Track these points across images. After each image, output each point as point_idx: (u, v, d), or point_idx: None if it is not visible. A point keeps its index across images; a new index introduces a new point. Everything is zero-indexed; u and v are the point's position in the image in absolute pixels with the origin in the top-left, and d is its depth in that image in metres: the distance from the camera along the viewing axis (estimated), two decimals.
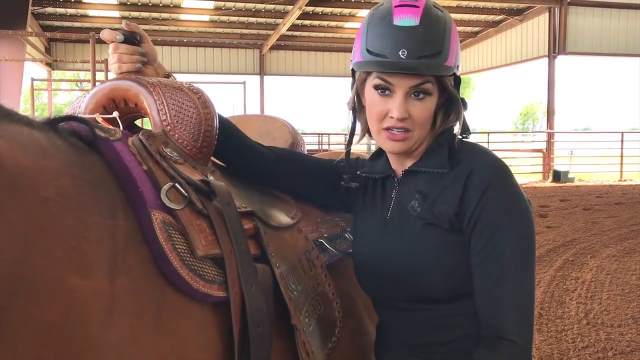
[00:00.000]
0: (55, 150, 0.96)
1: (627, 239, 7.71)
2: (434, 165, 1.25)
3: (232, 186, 1.29)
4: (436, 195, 1.23)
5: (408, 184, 1.30)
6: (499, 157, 1.24)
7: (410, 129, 1.22)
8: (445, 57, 1.19)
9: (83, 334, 0.85)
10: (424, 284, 1.23)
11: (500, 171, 1.20)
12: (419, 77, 1.19)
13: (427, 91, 1.20)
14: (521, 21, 19.26)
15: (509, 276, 1.15)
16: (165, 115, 1.22)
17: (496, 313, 1.14)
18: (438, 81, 1.21)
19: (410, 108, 1.21)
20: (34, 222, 0.83)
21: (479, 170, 1.19)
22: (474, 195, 1.17)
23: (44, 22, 18.30)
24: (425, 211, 1.23)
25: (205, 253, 1.07)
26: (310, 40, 21.82)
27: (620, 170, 17.28)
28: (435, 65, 1.18)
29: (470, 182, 1.18)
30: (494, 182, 1.18)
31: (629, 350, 3.94)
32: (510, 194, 1.19)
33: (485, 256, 1.16)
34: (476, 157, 1.22)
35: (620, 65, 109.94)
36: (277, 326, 1.21)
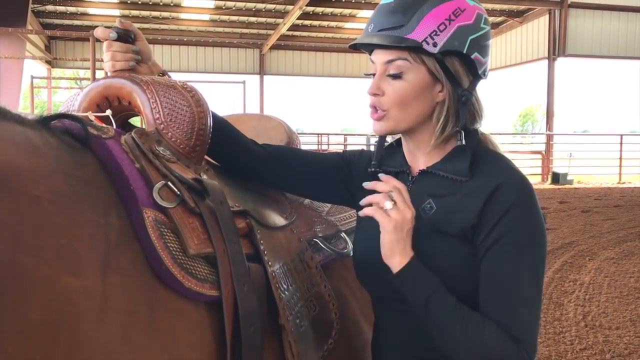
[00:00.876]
0: (48, 148, 0.96)
1: (626, 241, 7.72)
2: (454, 171, 1.21)
3: (225, 185, 1.28)
4: (453, 203, 1.19)
5: (423, 185, 1.26)
6: (523, 173, 1.20)
7: (384, 108, 1.21)
8: (409, 29, 1.15)
9: (73, 333, 0.85)
10: None
11: (526, 190, 1.17)
12: (390, 52, 1.18)
13: (401, 69, 1.18)
14: (521, 23, 19.28)
15: (526, 295, 1.12)
16: (158, 113, 1.22)
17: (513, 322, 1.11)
18: (422, 61, 1.17)
19: (386, 86, 1.20)
20: (25, 220, 0.83)
21: (506, 187, 1.15)
22: (497, 212, 1.14)
23: (44, 20, 18.30)
24: (437, 216, 1.20)
25: (197, 252, 1.07)
26: (311, 40, 21.84)
27: (619, 172, 17.31)
28: (393, 37, 1.16)
29: (496, 196, 1.14)
30: (520, 201, 1.14)
31: (626, 352, 3.94)
32: (532, 214, 1.16)
33: (503, 273, 1.13)
34: (503, 172, 1.18)
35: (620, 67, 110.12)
36: (271, 326, 1.20)
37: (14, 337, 0.78)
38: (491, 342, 1.09)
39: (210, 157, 1.37)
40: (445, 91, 1.20)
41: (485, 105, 1.27)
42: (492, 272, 1.14)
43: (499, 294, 1.13)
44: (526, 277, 1.13)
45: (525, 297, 1.12)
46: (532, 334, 1.13)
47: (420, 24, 1.15)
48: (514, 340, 1.10)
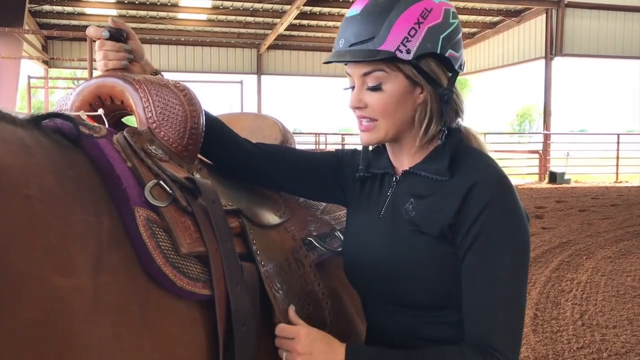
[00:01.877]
0: (39, 147, 0.95)
1: (623, 240, 7.73)
2: (434, 171, 1.21)
3: (219, 184, 1.28)
4: (432, 203, 1.19)
5: (405, 185, 1.27)
6: (503, 171, 1.20)
7: (373, 118, 1.21)
8: (381, 40, 1.14)
9: (64, 333, 0.84)
10: (408, 289, 1.21)
11: (503, 188, 1.15)
12: (364, 65, 1.18)
13: (379, 80, 1.18)
14: (518, 22, 19.29)
15: (505, 295, 1.12)
16: (150, 112, 1.21)
17: (489, 329, 1.11)
18: (397, 68, 1.17)
19: (367, 98, 1.20)
20: (15, 220, 0.82)
21: (481, 185, 1.14)
22: (474, 211, 1.13)
23: (41, 19, 18.27)
24: (418, 217, 1.20)
25: (189, 251, 1.06)
26: (308, 40, 21.84)
27: (616, 172, 17.31)
28: (365, 51, 1.15)
29: (471, 196, 1.14)
30: (496, 199, 1.13)
31: (623, 351, 3.94)
32: (511, 212, 1.14)
33: (481, 273, 1.12)
34: (479, 170, 1.17)
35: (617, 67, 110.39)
36: (265, 325, 1.20)
37: (5, 337, 0.78)
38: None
39: (203, 157, 1.36)
40: (426, 93, 1.20)
41: (464, 99, 1.27)
42: (470, 273, 1.14)
43: (476, 296, 1.13)
44: (504, 277, 1.12)
45: (503, 298, 1.12)
46: (510, 340, 1.12)
47: (390, 33, 1.14)
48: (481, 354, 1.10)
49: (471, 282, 1.14)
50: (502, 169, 1.21)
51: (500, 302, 1.12)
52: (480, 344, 1.12)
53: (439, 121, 1.22)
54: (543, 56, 18.17)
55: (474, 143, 1.27)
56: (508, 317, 1.12)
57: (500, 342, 1.11)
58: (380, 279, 1.24)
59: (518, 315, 1.14)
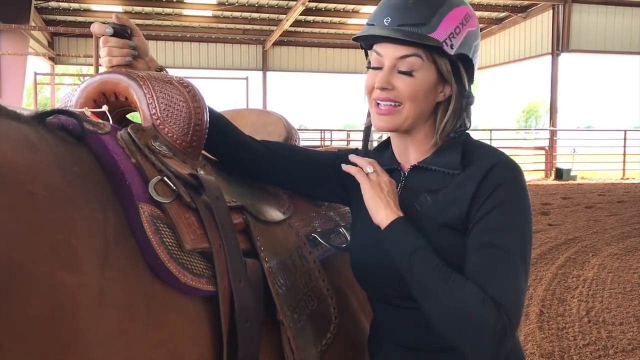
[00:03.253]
0: (44, 144, 0.96)
1: (629, 237, 7.71)
2: (445, 164, 1.23)
3: (222, 180, 1.28)
4: (447, 195, 1.21)
5: (415, 181, 1.27)
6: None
7: (397, 102, 1.21)
8: (432, 28, 1.16)
9: (70, 328, 0.85)
10: None
11: (518, 171, 1.20)
12: (405, 48, 1.18)
13: (414, 66, 1.19)
14: (525, 18, 19.21)
15: (513, 261, 1.13)
16: (155, 109, 1.21)
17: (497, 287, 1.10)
18: (432, 60, 1.19)
19: (396, 81, 1.20)
20: (21, 217, 0.83)
21: (500, 165, 1.18)
22: (490, 186, 1.16)
23: (47, 16, 18.33)
24: (433, 211, 1.21)
25: (193, 247, 1.07)
26: (313, 36, 21.82)
27: (622, 168, 17.26)
28: (417, 34, 1.16)
29: (490, 175, 1.17)
30: (513, 179, 1.18)
31: (630, 348, 3.93)
32: (523, 195, 1.18)
33: (491, 238, 1.14)
34: (495, 154, 1.22)
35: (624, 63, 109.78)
36: (269, 321, 1.20)
37: (11, 332, 0.79)
38: (470, 301, 1.08)
39: (208, 153, 1.36)
40: (453, 92, 1.22)
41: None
42: (480, 240, 1.15)
43: (485, 260, 1.13)
44: (514, 248, 1.13)
45: (511, 265, 1.13)
46: (516, 301, 1.11)
47: (441, 24, 1.17)
48: (495, 304, 1.08)
49: (479, 249, 1.14)
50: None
51: (509, 268, 1.12)
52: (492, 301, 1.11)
53: (458, 120, 1.25)
54: (549, 52, 18.10)
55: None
56: (514, 283, 1.12)
57: (508, 300, 1.10)
58: (392, 274, 1.23)
59: (523, 283, 1.14)
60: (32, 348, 0.81)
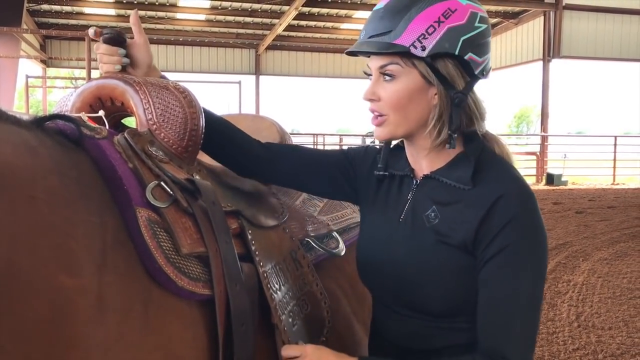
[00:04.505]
0: (43, 148, 0.97)
1: (619, 242, 7.75)
2: (456, 178, 1.19)
3: (218, 185, 1.30)
4: (455, 212, 1.17)
5: (426, 190, 1.25)
6: (526, 183, 1.18)
7: (382, 113, 1.20)
8: (397, 34, 1.15)
9: (70, 331, 0.86)
10: (423, 295, 1.20)
11: (527, 202, 1.14)
12: (382, 57, 1.18)
13: (392, 73, 1.18)
14: (516, 24, 19.32)
15: (522, 308, 1.11)
16: (151, 114, 1.23)
17: (504, 341, 1.11)
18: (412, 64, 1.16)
19: (380, 91, 1.20)
20: (21, 220, 0.84)
21: (507, 198, 1.13)
22: (498, 223, 1.11)
23: (39, 19, 18.24)
24: (441, 226, 1.18)
25: (190, 251, 1.08)
26: (306, 40, 21.84)
27: (613, 174, 17.35)
28: (381, 43, 1.16)
29: (496, 208, 1.12)
30: (521, 213, 1.12)
31: (619, 352, 3.96)
32: (534, 226, 1.14)
33: (501, 285, 1.12)
34: (505, 182, 1.16)
35: (614, 69, 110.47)
36: (264, 325, 1.21)
37: (13, 335, 0.80)
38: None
39: (213, 157, 1.38)
40: (438, 93, 1.17)
41: (485, 106, 1.25)
42: (490, 284, 1.13)
43: (493, 307, 1.12)
44: (524, 290, 1.11)
45: (520, 311, 1.11)
46: (523, 353, 1.11)
47: (407, 29, 1.14)
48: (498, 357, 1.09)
49: (490, 293, 1.12)
50: (525, 180, 1.20)
51: (517, 315, 1.10)
52: (493, 354, 1.11)
53: (449, 121, 1.19)
54: (541, 58, 18.20)
55: (497, 150, 1.26)
56: (523, 330, 1.11)
57: (514, 353, 1.10)
58: (397, 283, 1.23)
59: (533, 328, 1.13)
60: (33, 350, 0.82)
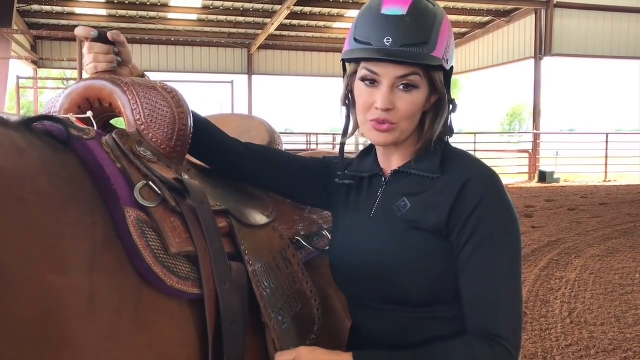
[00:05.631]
0: (32, 149, 0.97)
1: (611, 239, 7.80)
2: (425, 168, 1.23)
3: (207, 185, 1.30)
4: (426, 200, 1.21)
5: (396, 185, 1.28)
6: (489, 167, 1.24)
7: (394, 122, 1.20)
8: (432, 47, 1.16)
9: (61, 331, 0.86)
10: (402, 285, 1.21)
11: (494, 182, 1.19)
12: (405, 67, 1.16)
13: (414, 84, 1.18)
14: (508, 23, 19.37)
15: (505, 284, 1.15)
16: (139, 114, 1.23)
17: (492, 320, 1.14)
18: (427, 75, 1.19)
19: (397, 100, 1.19)
20: (11, 222, 0.84)
21: (474, 180, 1.17)
22: (469, 206, 1.16)
23: (29, 19, 18.15)
24: (412, 213, 1.21)
25: (179, 250, 1.08)
26: (299, 40, 21.83)
27: (604, 171, 17.44)
28: (421, 55, 1.15)
29: (465, 191, 1.17)
30: (490, 193, 1.17)
31: (611, 348, 3.99)
32: (504, 205, 1.18)
33: (480, 266, 1.15)
34: (470, 167, 1.21)
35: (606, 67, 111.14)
36: (254, 323, 1.22)
37: (4, 336, 0.80)
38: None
39: (194, 157, 1.38)
40: (445, 101, 1.23)
41: None
42: (470, 267, 1.16)
43: (477, 289, 1.16)
44: (503, 268, 1.15)
45: (503, 289, 1.15)
46: (513, 328, 1.14)
47: (439, 42, 1.17)
48: (487, 342, 1.12)
49: (471, 276, 1.16)
50: (488, 165, 1.24)
51: (501, 293, 1.14)
52: (484, 334, 1.14)
53: (446, 127, 1.26)
54: (532, 56, 18.27)
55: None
56: (509, 306, 1.15)
57: (505, 330, 1.13)
58: (372, 278, 1.25)
59: (518, 303, 1.16)
60: (24, 351, 0.82)
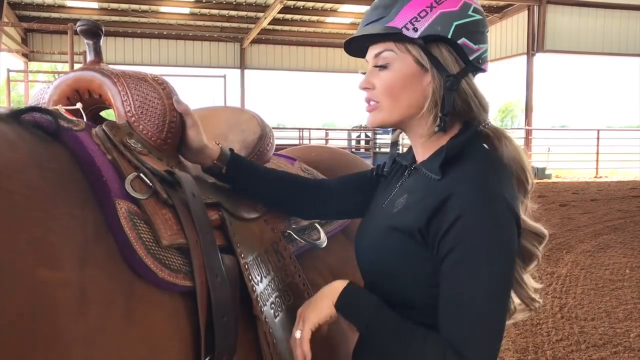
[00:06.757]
0: (22, 142, 0.96)
1: (602, 234, 7.84)
2: (430, 167, 1.18)
3: (198, 177, 1.29)
4: (415, 201, 1.16)
5: (410, 180, 1.25)
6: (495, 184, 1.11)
7: (376, 100, 1.21)
8: (390, 19, 1.17)
9: (52, 325, 0.86)
10: (378, 282, 1.19)
11: (480, 199, 1.08)
12: (377, 45, 1.21)
13: (386, 60, 1.19)
14: (500, 19, 19.42)
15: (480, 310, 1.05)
16: (129, 106, 1.22)
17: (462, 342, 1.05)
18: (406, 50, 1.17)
19: (374, 78, 1.21)
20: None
21: (457, 196, 1.08)
22: (450, 217, 1.07)
23: (20, 12, 18.02)
24: (399, 213, 1.18)
25: (170, 242, 1.07)
26: (292, 34, 21.79)
27: (596, 167, 17.54)
28: (376, 27, 1.18)
29: (448, 204, 1.08)
30: (470, 211, 1.06)
31: (601, 343, 4.01)
32: (489, 225, 1.07)
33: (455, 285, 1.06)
34: (466, 179, 1.11)
35: (598, 63, 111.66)
36: (247, 316, 1.21)
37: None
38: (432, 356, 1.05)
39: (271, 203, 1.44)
40: (433, 78, 1.16)
41: (485, 96, 1.21)
42: (445, 283, 1.08)
43: (450, 307, 1.07)
44: (480, 292, 1.05)
45: (478, 313, 1.05)
46: (483, 352, 1.05)
47: (400, 13, 1.17)
48: (458, 354, 1.04)
49: (446, 290, 1.08)
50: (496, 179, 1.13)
51: (474, 314, 1.05)
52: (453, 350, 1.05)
53: (441, 107, 1.17)
54: (525, 52, 18.33)
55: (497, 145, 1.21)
56: (482, 329, 1.05)
57: (473, 353, 1.04)
58: (365, 270, 1.25)
59: (495, 328, 1.07)
60: (14, 345, 0.82)
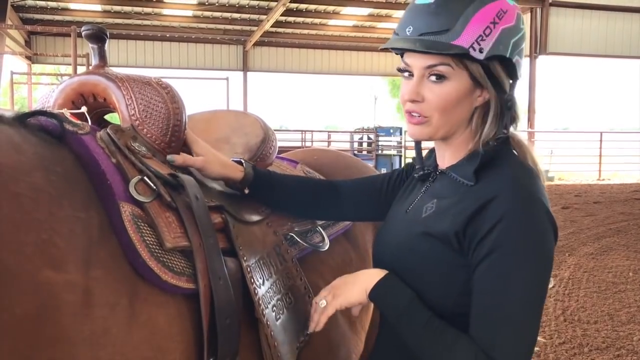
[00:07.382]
0: (28, 145, 0.97)
1: (605, 237, 7.83)
2: (463, 174, 1.16)
3: (201, 181, 1.30)
4: (448, 206, 1.14)
5: (437, 185, 1.23)
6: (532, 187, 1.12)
7: (425, 115, 1.15)
8: (455, 35, 1.08)
9: (57, 326, 0.87)
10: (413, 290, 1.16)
11: (522, 203, 1.08)
12: (433, 57, 1.11)
13: (443, 74, 1.11)
14: None
15: (515, 313, 1.04)
16: (133, 110, 1.23)
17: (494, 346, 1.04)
18: (464, 66, 1.11)
19: (425, 91, 1.13)
20: (5, 217, 0.84)
21: (499, 199, 1.07)
22: (489, 222, 1.06)
23: (24, 14, 18.05)
24: (430, 218, 1.16)
25: (173, 245, 1.08)
26: (294, 37, 21.80)
27: (598, 169, 17.53)
28: (438, 43, 1.09)
29: (489, 207, 1.07)
30: (512, 214, 1.06)
31: (604, 346, 4.00)
32: (529, 229, 1.06)
33: (491, 288, 1.06)
34: (503, 183, 1.10)
35: (600, 66, 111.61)
36: (249, 319, 1.22)
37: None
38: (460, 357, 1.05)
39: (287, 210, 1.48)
40: (491, 97, 1.14)
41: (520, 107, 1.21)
42: (481, 286, 1.07)
43: (483, 312, 1.07)
44: (516, 295, 1.04)
45: (510, 317, 1.04)
46: (514, 356, 1.04)
47: (466, 29, 1.08)
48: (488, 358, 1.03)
49: (480, 296, 1.07)
50: (533, 184, 1.14)
51: (508, 321, 1.04)
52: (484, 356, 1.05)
53: (497, 126, 1.16)
54: (527, 54, 18.27)
55: (519, 151, 1.21)
56: (516, 340, 1.04)
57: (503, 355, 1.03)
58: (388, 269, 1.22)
59: (527, 339, 1.06)
60: (19, 345, 0.82)
